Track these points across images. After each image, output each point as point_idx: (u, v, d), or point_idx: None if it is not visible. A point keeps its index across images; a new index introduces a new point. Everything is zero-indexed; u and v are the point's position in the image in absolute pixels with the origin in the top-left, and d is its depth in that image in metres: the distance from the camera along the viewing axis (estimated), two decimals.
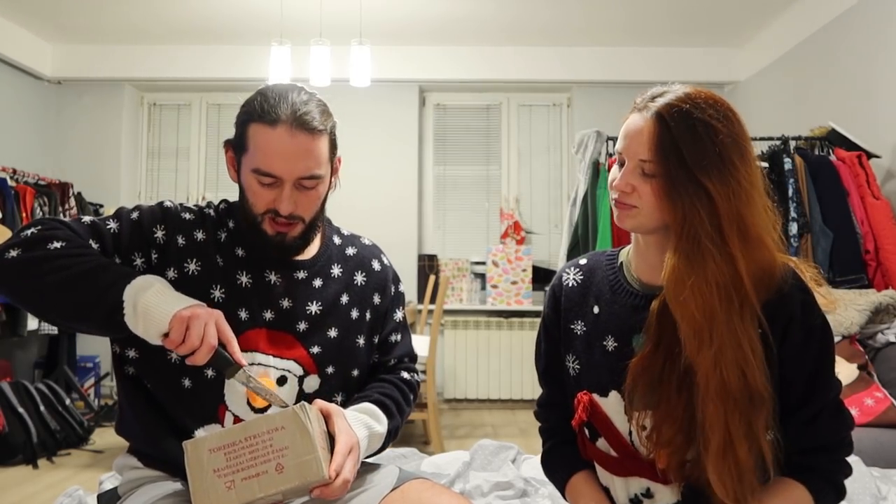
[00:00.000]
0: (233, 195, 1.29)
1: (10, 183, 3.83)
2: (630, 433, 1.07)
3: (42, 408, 3.52)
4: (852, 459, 1.91)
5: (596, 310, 1.13)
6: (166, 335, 1.01)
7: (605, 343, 1.10)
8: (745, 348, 0.96)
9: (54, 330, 4.10)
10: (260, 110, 1.12)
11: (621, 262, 1.15)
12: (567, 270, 1.20)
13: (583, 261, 1.21)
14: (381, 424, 1.19)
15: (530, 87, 5.11)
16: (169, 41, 4.81)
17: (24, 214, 3.84)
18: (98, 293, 1.03)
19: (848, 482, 1.06)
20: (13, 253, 1.05)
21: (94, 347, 4.74)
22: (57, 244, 1.06)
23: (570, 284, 1.18)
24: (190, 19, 4.42)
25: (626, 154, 1.02)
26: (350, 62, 3.76)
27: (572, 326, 1.15)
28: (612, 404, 1.08)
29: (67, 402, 3.74)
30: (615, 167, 1.06)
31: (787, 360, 1.01)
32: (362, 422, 1.15)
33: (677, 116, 0.98)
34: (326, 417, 1.09)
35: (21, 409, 3.40)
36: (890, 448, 2.09)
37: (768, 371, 0.97)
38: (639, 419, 1.04)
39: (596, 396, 1.10)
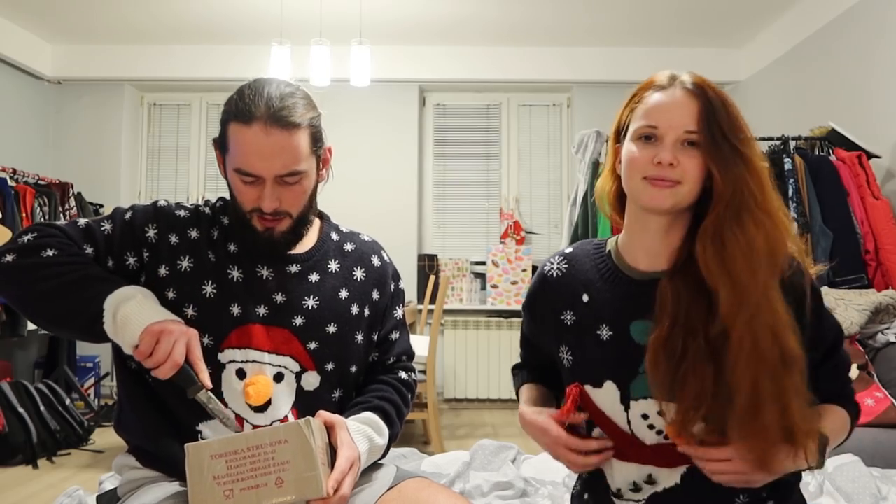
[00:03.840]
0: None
1: (10, 183, 3.83)
2: (629, 422, 1.06)
3: (42, 408, 3.52)
4: (852, 459, 1.91)
5: (585, 298, 1.12)
6: (137, 346, 1.03)
7: (598, 332, 1.09)
8: (780, 312, 0.98)
9: None
10: (235, 109, 1.12)
11: (609, 251, 1.15)
12: (552, 260, 1.20)
13: (568, 250, 1.20)
14: (382, 437, 1.18)
15: (530, 87, 5.11)
16: (169, 41, 4.81)
17: (24, 214, 3.84)
18: (82, 302, 1.07)
19: (848, 482, 1.07)
20: (9, 258, 1.09)
21: (94, 347, 4.74)
22: (50, 252, 1.09)
23: (555, 274, 1.17)
24: (190, 19, 4.42)
25: (665, 128, 1.02)
26: (350, 62, 3.76)
27: (562, 317, 1.14)
28: (606, 394, 1.07)
29: (67, 402, 3.74)
30: (637, 146, 1.04)
31: (807, 329, 1.03)
32: (364, 434, 1.14)
33: (710, 91, 1.03)
34: (329, 429, 1.09)
35: (21, 409, 3.40)
36: (890, 448, 2.09)
37: (799, 334, 1.00)
38: (640, 409, 1.03)
39: (589, 388, 1.09)
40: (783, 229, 1.02)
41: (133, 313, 1.04)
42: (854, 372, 2.31)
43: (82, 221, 1.18)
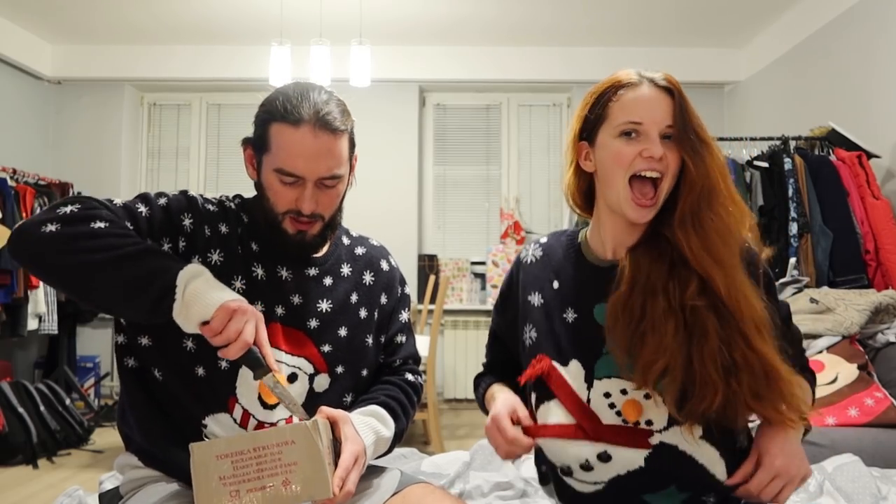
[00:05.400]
0: (232, 192, 1.30)
1: (10, 183, 3.83)
2: (589, 401, 1.08)
3: (42, 408, 3.52)
4: (852, 459, 1.91)
5: (556, 284, 1.17)
6: (205, 323, 1.00)
7: (564, 315, 1.14)
8: (749, 283, 1.06)
9: (54, 330, 4.09)
10: (283, 110, 1.12)
11: (580, 242, 1.20)
12: (527, 247, 1.27)
13: (543, 239, 1.27)
14: (387, 428, 1.19)
15: (530, 87, 5.10)
16: (169, 41, 4.81)
17: (24, 214, 3.84)
18: (150, 275, 1.01)
19: (848, 482, 1.08)
20: (51, 227, 1.00)
21: (94, 347, 4.74)
22: (100, 224, 1.03)
23: (530, 260, 1.24)
24: (190, 19, 4.42)
25: (649, 123, 1.07)
26: (350, 62, 3.76)
27: (530, 298, 1.19)
28: (571, 372, 1.10)
29: (67, 402, 3.74)
30: (620, 142, 1.08)
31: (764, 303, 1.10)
32: (369, 426, 1.14)
33: (676, 88, 1.09)
34: (333, 424, 1.09)
35: (21, 409, 3.40)
36: (890, 448, 2.09)
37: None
38: (605, 388, 1.06)
39: (556, 364, 1.12)
40: (745, 213, 1.10)
41: (203, 290, 1.01)
42: (854, 372, 2.31)
43: (118, 200, 1.14)
